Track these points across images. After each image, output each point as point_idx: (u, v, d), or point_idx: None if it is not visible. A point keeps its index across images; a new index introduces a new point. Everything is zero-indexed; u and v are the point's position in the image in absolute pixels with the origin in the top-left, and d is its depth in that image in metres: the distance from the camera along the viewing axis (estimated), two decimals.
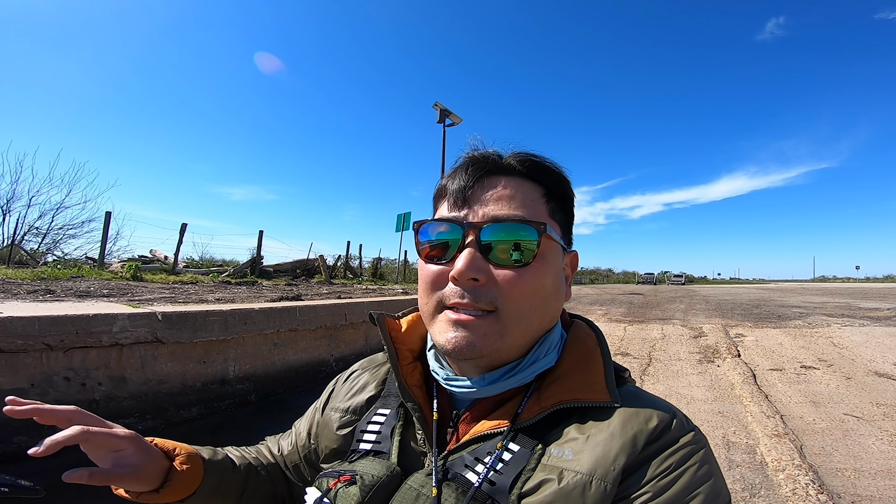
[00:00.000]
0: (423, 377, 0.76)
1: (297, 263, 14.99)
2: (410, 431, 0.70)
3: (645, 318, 11.77)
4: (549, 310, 0.68)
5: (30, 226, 13.66)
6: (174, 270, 11.00)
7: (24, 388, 3.07)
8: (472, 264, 0.61)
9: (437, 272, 0.66)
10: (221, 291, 7.50)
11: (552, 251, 0.67)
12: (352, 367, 0.88)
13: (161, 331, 3.77)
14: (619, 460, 0.55)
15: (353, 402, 0.79)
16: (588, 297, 20.28)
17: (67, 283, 6.66)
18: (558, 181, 0.71)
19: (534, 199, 0.67)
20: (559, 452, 0.58)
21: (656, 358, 6.74)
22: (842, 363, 6.18)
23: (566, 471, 0.56)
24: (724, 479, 0.59)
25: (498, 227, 0.63)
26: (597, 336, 0.73)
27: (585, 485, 0.54)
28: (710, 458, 0.59)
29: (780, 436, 3.68)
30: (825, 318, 11.15)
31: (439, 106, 17.58)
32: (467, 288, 0.62)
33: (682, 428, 0.60)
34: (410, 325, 0.81)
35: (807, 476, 2.99)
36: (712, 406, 4.50)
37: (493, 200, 0.65)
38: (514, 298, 0.62)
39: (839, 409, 4.35)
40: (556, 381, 0.65)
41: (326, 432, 0.79)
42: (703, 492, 0.54)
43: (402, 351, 0.76)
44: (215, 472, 0.76)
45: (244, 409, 4.43)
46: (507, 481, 0.57)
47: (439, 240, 0.66)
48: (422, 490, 0.60)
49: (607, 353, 0.69)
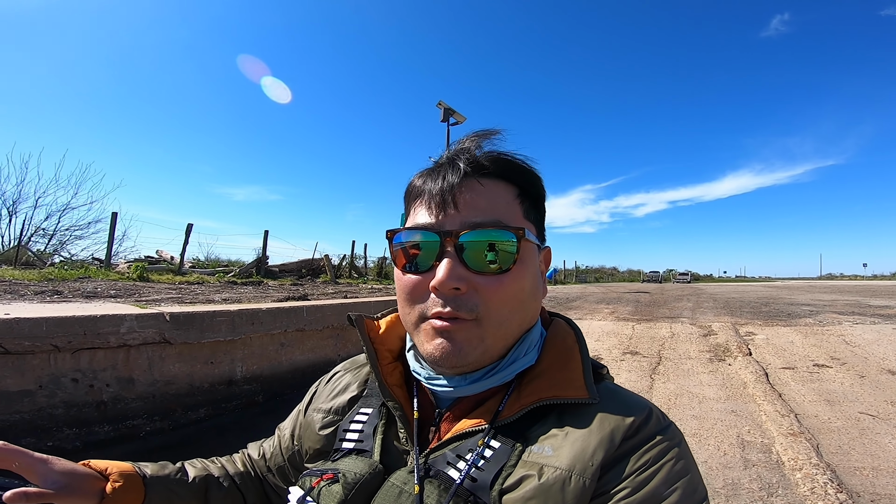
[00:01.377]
0: (404, 377, 0.77)
1: (302, 263, 15.01)
2: (393, 430, 0.71)
3: (653, 317, 11.69)
4: (529, 311, 0.68)
5: (36, 227, 13.75)
6: (180, 271, 11.03)
7: (31, 389, 3.06)
8: (452, 273, 0.61)
9: (415, 282, 0.65)
10: (228, 292, 7.50)
11: (529, 253, 0.67)
12: (334, 369, 0.89)
13: (169, 331, 3.75)
14: (597, 456, 0.56)
15: (336, 403, 0.80)
16: (594, 296, 20.19)
17: (74, 283, 6.67)
18: (531, 180, 0.71)
19: (508, 200, 0.67)
20: (539, 449, 0.59)
21: (666, 357, 6.68)
22: (855, 361, 6.11)
23: (546, 467, 0.57)
24: (700, 473, 0.60)
25: (476, 233, 0.62)
26: (575, 334, 0.73)
27: (565, 480, 0.55)
28: (686, 453, 0.60)
29: (796, 435, 3.63)
30: (836, 315, 11.03)
31: (443, 105, 17.55)
32: (448, 297, 0.62)
33: (658, 423, 0.61)
34: (389, 325, 0.81)
35: (825, 475, 2.94)
36: (725, 405, 4.44)
37: (468, 205, 0.64)
38: (495, 305, 0.63)
39: (854, 408, 4.29)
40: (535, 379, 0.66)
41: (309, 433, 0.79)
42: (680, 487, 0.55)
43: (381, 351, 0.77)
44: (162, 488, 0.75)
45: (251, 409, 4.41)
46: (489, 478, 0.58)
47: (416, 248, 0.66)
48: (404, 487, 0.60)
49: (585, 351, 0.70)
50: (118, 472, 0.71)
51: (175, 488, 0.76)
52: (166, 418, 3.75)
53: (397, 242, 0.68)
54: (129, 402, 3.53)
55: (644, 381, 5.38)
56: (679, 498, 0.54)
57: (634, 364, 6.27)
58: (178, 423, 3.81)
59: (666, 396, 4.78)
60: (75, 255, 13.80)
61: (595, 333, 8.94)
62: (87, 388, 3.31)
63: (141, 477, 0.73)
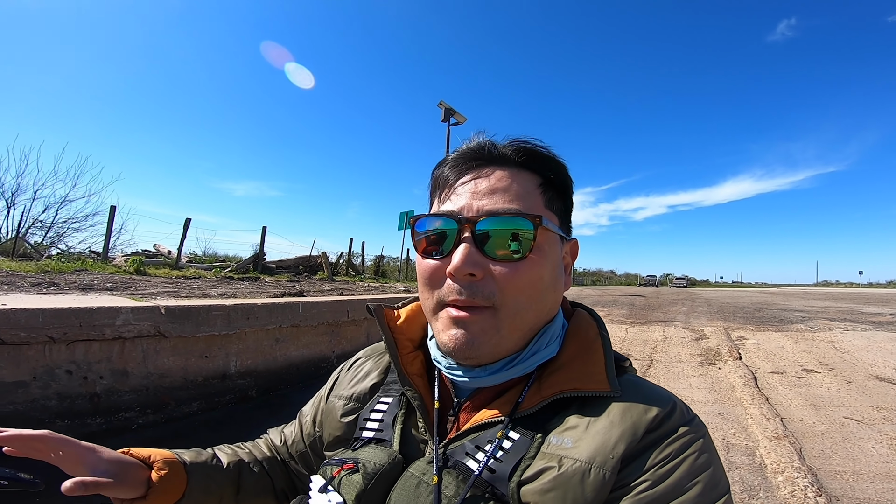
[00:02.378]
0: (425, 366, 0.76)
1: (299, 260, 15.01)
2: (412, 420, 0.71)
3: (647, 320, 11.76)
4: (547, 302, 0.67)
5: (34, 219, 13.72)
6: (177, 265, 11.03)
7: (26, 380, 3.09)
8: (468, 259, 0.61)
9: (434, 267, 0.66)
10: (224, 287, 7.52)
11: (549, 242, 0.66)
12: (356, 355, 0.89)
13: (164, 325, 3.78)
14: (618, 448, 0.56)
15: (357, 390, 0.80)
16: (590, 299, 20.27)
17: (71, 276, 6.69)
18: (555, 169, 0.70)
19: (529, 189, 0.67)
20: (559, 441, 0.58)
21: (657, 360, 6.73)
22: (843, 367, 6.17)
23: (565, 458, 0.56)
24: (723, 468, 0.59)
25: (493, 220, 0.63)
26: (598, 325, 0.72)
27: (584, 472, 0.55)
28: (709, 446, 0.59)
29: (780, 438, 3.68)
30: (827, 322, 11.12)
31: (444, 105, 17.58)
32: (464, 283, 0.62)
33: (682, 417, 0.60)
34: (410, 315, 0.81)
35: (806, 478, 2.99)
36: (713, 408, 4.49)
37: (488, 193, 0.65)
38: (511, 292, 0.62)
39: (839, 413, 4.35)
40: (556, 371, 0.65)
41: (330, 420, 0.79)
42: (702, 480, 0.55)
43: (401, 341, 0.77)
44: (202, 474, 0.76)
45: (245, 404, 4.44)
46: (507, 469, 0.58)
47: (435, 234, 0.66)
48: (423, 477, 0.61)
49: (608, 343, 0.69)
50: (162, 460, 0.72)
51: (212, 474, 0.78)
52: (159, 411, 3.78)
53: (419, 229, 0.68)
54: (123, 395, 3.56)
55: None
56: (700, 491, 0.54)
57: None
58: (170, 417, 3.84)
59: None
60: (72, 248, 13.77)
61: None
62: (81, 380, 3.34)
63: (182, 464, 0.75)
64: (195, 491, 0.74)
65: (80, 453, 0.66)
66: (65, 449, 0.65)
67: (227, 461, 0.82)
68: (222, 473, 0.79)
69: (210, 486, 0.76)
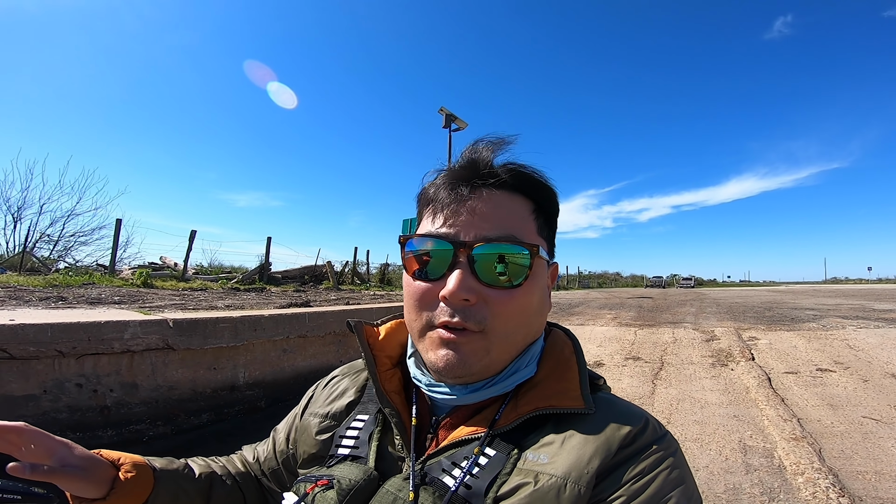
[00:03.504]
0: (402, 383, 0.77)
1: (305, 270, 15.05)
2: (389, 437, 0.71)
3: (655, 322, 11.67)
4: (534, 325, 0.70)
5: (41, 233, 13.87)
6: (184, 277, 11.08)
7: (36, 394, 3.09)
8: (463, 285, 0.61)
9: (425, 289, 0.65)
10: (231, 298, 7.53)
11: (540, 269, 0.68)
12: (332, 373, 0.89)
13: (172, 337, 3.78)
14: (592, 464, 0.57)
15: (333, 408, 0.80)
16: (597, 302, 20.15)
17: (79, 290, 6.72)
18: (548, 196, 0.71)
19: (523, 216, 0.68)
20: (535, 457, 0.60)
21: (668, 362, 6.67)
22: (858, 366, 6.08)
23: (541, 474, 0.57)
24: (695, 483, 0.60)
25: (490, 246, 0.63)
26: (573, 344, 0.74)
27: (560, 488, 0.55)
28: (682, 462, 0.60)
29: (798, 439, 3.62)
30: (839, 320, 10.99)
31: (445, 111, 17.61)
32: (458, 308, 0.62)
33: (654, 433, 0.62)
34: (389, 332, 0.82)
35: (827, 479, 2.93)
36: (727, 410, 4.43)
37: (484, 217, 0.65)
38: (503, 318, 0.63)
39: (857, 412, 4.28)
40: (533, 389, 0.67)
41: (305, 437, 0.79)
42: (675, 495, 0.56)
43: (380, 358, 0.77)
44: (170, 482, 0.76)
45: (254, 415, 4.42)
46: (483, 485, 0.58)
47: (428, 256, 0.66)
48: (399, 494, 0.61)
49: (583, 361, 0.71)
50: (131, 463, 0.73)
51: (182, 483, 0.77)
52: (169, 423, 3.77)
53: (410, 249, 0.68)
54: (133, 407, 3.55)
55: (646, 387, 5.37)
56: None
57: (636, 369, 6.26)
58: (180, 429, 3.83)
59: (668, 402, 4.77)
60: (79, 262, 13.90)
61: (597, 339, 8.92)
62: (91, 393, 3.33)
63: (151, 469, 0.75)
64: (160, 497, 0.73)
65: (53, 446, 0.66)
66: (37, 441, 0.65)
67: (199, 472, 0.82)
68: (192, 483, 0.79)
69: (178, 494, 0.76)
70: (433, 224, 0.68)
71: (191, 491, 0.78)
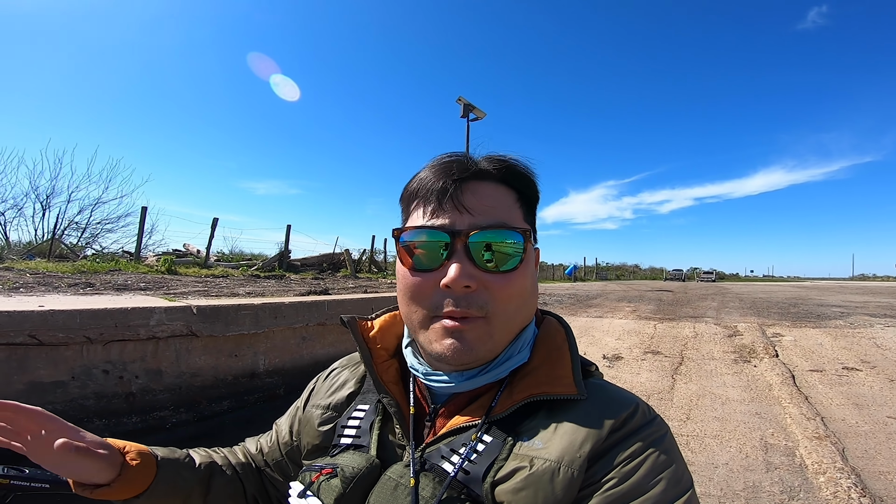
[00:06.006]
0: (400, 374, 0.80)
1: (323, 257, 15.20)
2: (389, 426, 0.73)
3: (675, 316, 11.48)
4: (530, 307, 0.73)
5: (70, 220, 14.25)
6: (206, 264, 11.29)
7: (64, 380, 3.18)
8: (464, 272, 0.64)
9: (423, 281, 0.68)
10: (251, 285, 7.65)
11: (531, 253, 0.71)
12: (332, 366, 0.93)
13: (195, 324, 3.86)
14: (584, 447, 0.59)
15: (334, 399, 0.83)
16: (615, 294, 19.94)
17: (106, 276, 6.90)
18: (530, 185, 0.75)
19: (509, 204, 0.71)
20: (530, 442, 0.62)
21: (689, 357, 6.57)
22: (885, 365, 5.91)
23: (536, 458, 0.60)
24: (685, 464, 0.62)
25: (485, 234, 0.66)
26: (566, 332, 0.77)
27: (554, 471, 0.58)
28: (671, 444, 0.63)
29: (821, 438, 3.54)
30: (867, 318, 10.66)
31: (463, 101, 17.47)
32: (460, 295, 0.65)
33: (644, 417, 0.64)
34: (384, 324, 0.84)
35: (849, 479, 2.87)
36: (749, 407, 4.36)
37: (475, 207, 0.67)
38: (503, 302, 0.66)
39: (883, 412, 4.17)
40: (527, 376, 0.69)
41: (308, 429, 0.82)
42: (665, 477, 0.58)
43: (375, 350, 0.80)
44: (171, 471, 0.78)
45: (273, 402, 4.50)
46: (481, 470, 0.61)
47: (424, 248, 0.68)
48: (400, 480, 0.63)
49: (575, 349, 0.73)
50: (136, 451, 0.75)
51: (182, 472, 0.80)
52: (191, 410, 3.86)
53: (404, 241, 0.70)
54: (157, 394, 3.65)
55: (665, 381, 5.31)
56: (664, 488, 0.57)
57: (656, 364, 6.19)
58: (202, 415, 3.92)
59: (688, 397, 4.71)
60: (106, 248, 14.27)
61: (616, 332, 8.83)
62: (117, 380, 3.43)
63: (154, 458, 0.78)
64: (161, 485, 0.76)
65: (65, 431, 0.69)
66: (50, 426, 0.68)
67: (200, 462, 0.84)
68: (192, 472, 0.81)
69: (178, 482, 0.78)
70: (424, 217, 0.69)
71: (190, 479, 0.80)
